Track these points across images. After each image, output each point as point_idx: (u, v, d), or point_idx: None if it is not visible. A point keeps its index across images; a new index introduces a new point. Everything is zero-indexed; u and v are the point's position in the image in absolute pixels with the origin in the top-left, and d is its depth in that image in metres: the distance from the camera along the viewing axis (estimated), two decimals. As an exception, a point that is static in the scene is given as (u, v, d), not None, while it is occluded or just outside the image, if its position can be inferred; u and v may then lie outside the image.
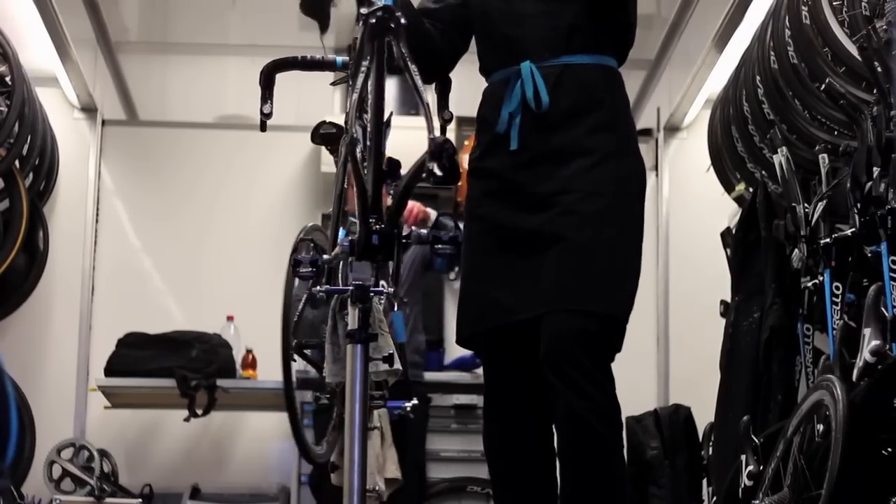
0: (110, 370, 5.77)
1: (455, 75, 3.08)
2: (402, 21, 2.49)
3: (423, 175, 2.38)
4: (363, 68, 2.49)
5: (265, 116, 2.88)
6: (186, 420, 5.76)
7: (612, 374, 2.80)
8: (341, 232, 3.69)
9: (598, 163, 2.84)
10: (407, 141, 2.73)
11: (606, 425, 2.74)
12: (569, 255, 2.79)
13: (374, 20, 2.48)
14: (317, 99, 6.29)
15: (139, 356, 5.75)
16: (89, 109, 6.44)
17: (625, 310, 2.83)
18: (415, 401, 4.43)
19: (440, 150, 2.34)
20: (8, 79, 5.31)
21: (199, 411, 5.75)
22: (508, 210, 2.88)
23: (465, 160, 6.22)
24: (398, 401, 4.50)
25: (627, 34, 2.99)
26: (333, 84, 3.10)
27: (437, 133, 2.41)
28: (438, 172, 2.33)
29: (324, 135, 3.63)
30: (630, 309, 2.85)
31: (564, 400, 2.75)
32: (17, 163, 5.62)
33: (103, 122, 6.49)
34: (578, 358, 2.73)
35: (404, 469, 4.50)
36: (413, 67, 2.50)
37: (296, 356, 3.29)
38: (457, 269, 5.51)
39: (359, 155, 2.53)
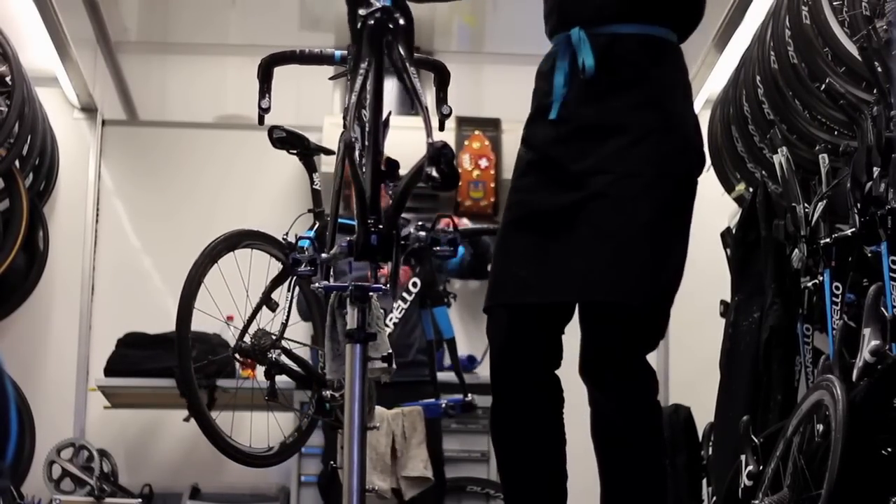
0: (110, 370, 5.77)
1: (455, 75, 3.08)
2: (401, 22, 2.49)
3: (422, 179, 2.38)
4: (361, 70, 2.49)
5: (263, 111, 2.88)
6: (186, 420, 5.73)
7: (646, 368, 2.74)
8: (307, 234, 3.75)
9: (637, 141, 2.74)
10: (408, 140, 2.73)
11: (633, 425, 2.71)
12: (598, 244, 2.71)
13: (372, 21, 2.48)
14: (316, 98, 6.29)
15: (139, 356, 5.75)
16: (89, 109, 6.44)
17: (657, 302, 2.75)
18: (470, 397, 4.44)
19: (439, 155, 2.34)
20: (8, 79, 5.31)
21: (199, 411, 5.74)
22: (543, 185, 2.81)
23: (464, 160, 6.25)
24: (434, 399, 4.53)
25: (690, 5, 2.91)
26: (332, 78, 3.10)
27: (436, 137, 2.41)
28: (437, 177, 2.34)
29: (278, 139, 3.72)
30: (667, 299, 2.77)
31: (592, 399, 2.74)
32: (17, 163, 5.62)
33: (103, 122, 6.49)
34: (607, 356, 2.70)
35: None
36: (411, 70, 2.50)
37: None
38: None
39: (357, 155, 2.54)
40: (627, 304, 2.71)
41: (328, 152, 3.97)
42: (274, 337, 3.62)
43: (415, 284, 4.66)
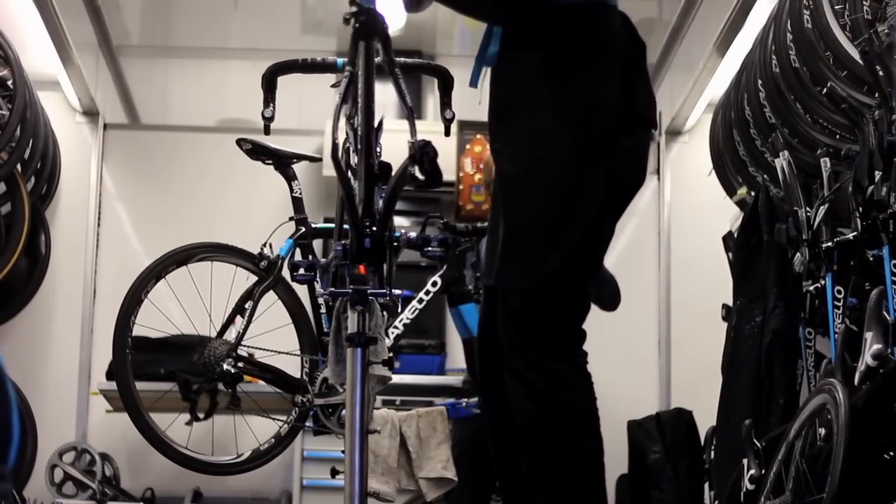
0: (112, 374, 5.77)
1: (457, 79, 3.08)
2: (386, 24, 2.50)
3: (406, 179, 2.38)
4: (347, 72, 2.49)
5: (267, 120, 2.88)
6: (188, 424, 5.75)
7: (558, 350, 2.63)
8: (287, 242, 3.81)
9: (529, 117, 2.66)
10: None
11: (545, 411, 2.60)
12: (499, 226, 2.71)
13: (357, 24, 2.48)
14: (318, 102, 6.28)
15: (141, 360, 5.74)
16: (91, 113, 6.45)
17: (548, 282, 2.63)
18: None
19: (421, 154, 2.33)
20: (10, 82, 5.31)
21: (201, 415, 5.74)
22: None
23: (466, 164, 6.24)
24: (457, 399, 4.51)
25: None
26: (334, 86, 3.11)
27: (418, 136, 2.41)
28: (420, 176, 2.33)
29: (247, 151, 3.80)
30: (561, 279, 2.64)
31: (508, 386, 2.67)
32: (18, 167, 5.62)
33: (105, 126, 6.50)
34: (514, 341, 2.64)
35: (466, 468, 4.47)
36: (397, 71, 2.51)
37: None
38: None
39: (351, 159, 2.54)
40: (510, 289, 2.66)
41: (304, 158, 4.00)
42: (228, 347, 3.73)
43: (434, 284, 4.59)
